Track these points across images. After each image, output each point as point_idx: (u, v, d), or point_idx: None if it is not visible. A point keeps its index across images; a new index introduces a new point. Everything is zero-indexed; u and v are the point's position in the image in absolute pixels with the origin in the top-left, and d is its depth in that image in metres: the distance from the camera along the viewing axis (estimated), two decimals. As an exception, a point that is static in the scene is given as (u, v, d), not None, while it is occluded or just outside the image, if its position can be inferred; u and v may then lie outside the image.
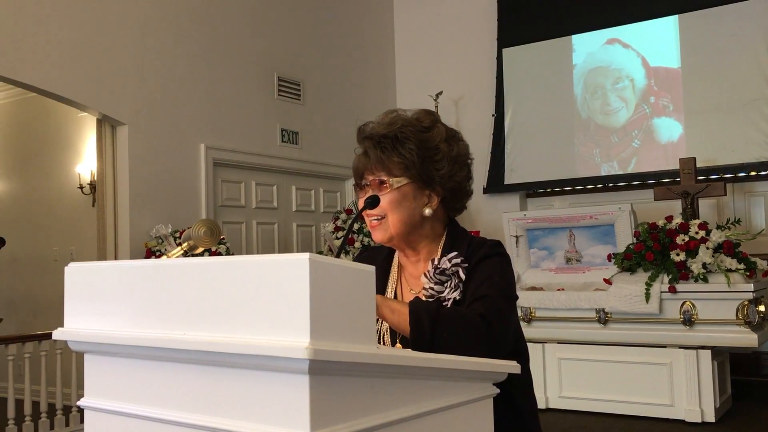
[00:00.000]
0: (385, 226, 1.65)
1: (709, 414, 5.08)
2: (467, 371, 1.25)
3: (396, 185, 1.63)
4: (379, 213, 1.65)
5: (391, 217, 1.64)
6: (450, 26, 8.09)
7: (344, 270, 0.98)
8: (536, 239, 6.21)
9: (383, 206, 1.64)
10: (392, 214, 1.64)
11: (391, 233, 1.66)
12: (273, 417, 0.96)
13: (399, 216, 1.64)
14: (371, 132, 1.66)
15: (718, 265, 5.06)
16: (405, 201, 1.64)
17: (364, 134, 1.68)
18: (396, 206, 1.64)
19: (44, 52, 5.12)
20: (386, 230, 1.66)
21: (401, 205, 1.64)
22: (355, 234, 6.38)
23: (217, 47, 6.40)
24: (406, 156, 1.62)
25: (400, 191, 1.63)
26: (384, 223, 1.65)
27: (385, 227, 1.66)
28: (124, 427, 1.19)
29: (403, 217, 1.65)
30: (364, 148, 1.67)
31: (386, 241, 1.69)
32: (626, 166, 7.00)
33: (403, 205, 1.64)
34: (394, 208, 1.64)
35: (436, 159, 1.65)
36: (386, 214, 1.64)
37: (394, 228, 1.65)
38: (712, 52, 6.62)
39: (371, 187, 1.65)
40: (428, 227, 1.70)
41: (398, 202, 1.64)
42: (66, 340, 1.26)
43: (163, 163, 5.85)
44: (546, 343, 5.66)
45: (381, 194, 1.63)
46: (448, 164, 1.67)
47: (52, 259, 6.85)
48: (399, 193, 1.63)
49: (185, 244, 1.64)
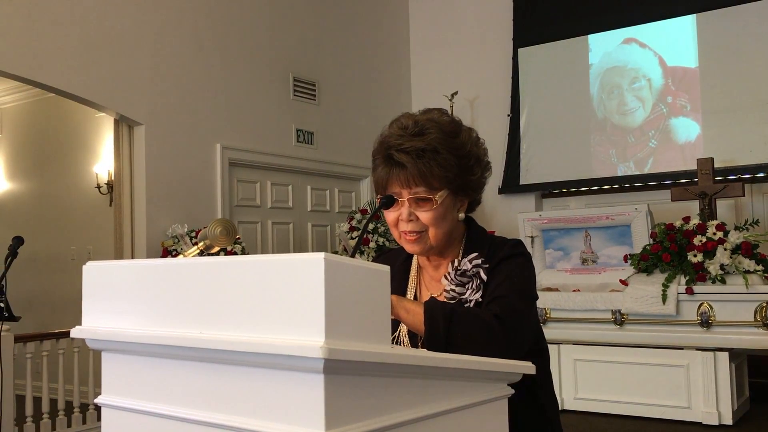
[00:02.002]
0: (425, 239, 1.60)
1: (726, 416, 5.03)
2: (481, 371, 1.24)
3: (439, 200, 1.57)
4: (419, 228, 1.59)
5: (434, 231, 1.59)
6: (465, 26, 8.07)
7: (359, 270, 0.99)
8: (552, 240, 6.18)
9: (425, 221, 1.58)
10: (436, 228, 1.59)
11: (431, 245, 1.61)
12: (288, 415, 0.96)
13: (443, 230, 1.60)
14: (405, 145, 1.56)
15: (736, 266, 5.01)
16: (447, 214, 1.60)
17: (397, 148, 1.57)
18: (440, 221, 1.59)
19: (62, 53, 5.17)
20: (426, 243, 1.61)
21: (445, 219, 1.60)
22: (369, 234, 6.38)
23: (232, 48, 6.43)
24: (446, 168, 1.56)
25: (443, 205, 1.58)
26: (424, 236, 1.60)
27: (424, 240, 1.60)
28: (140, 424, 1.20)
29: (446, 230, 1.61)
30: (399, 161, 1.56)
31: (424, 253, 1.65)
32: (643, 166, 6.95)
33: (447, 218, 1.60)
34: (439, 222, 1.59)
35: (470, 165, 1.62)
36: (428, 228, 1.59)
37: (436, 241, 1.61)
38: (730, 52, 6.56)
39: (408, 203, 1.58)
40: (456, 231, 1.67)
41: (442, 217, 1.59)
42: (84, 338, 1.26)
43: (180, 163, 5.89)
44: (561, 345, 5.63)
45: (422, 210, 1.57)
46: (480, 168, 1.65)
47: (70, 258, 6.91)
48: (442, 207, 1.58)
49: (201, 244, 1.65)
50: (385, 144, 1.61)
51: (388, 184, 1.60)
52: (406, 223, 1.59)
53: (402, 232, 1.62)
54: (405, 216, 1.59)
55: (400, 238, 1.64)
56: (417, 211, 1.58)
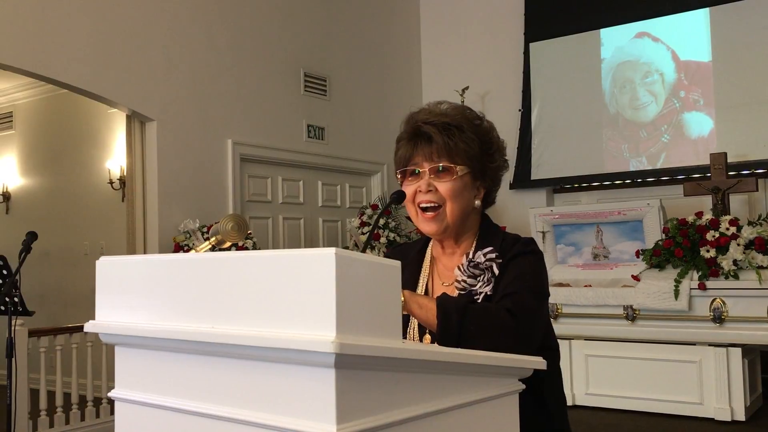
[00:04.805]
0: (442, 215, 1.62)
1: (739, 412, 5.00)
2: (492, 366, 1.24)
3: (460, 173, 1.60)
4: (437, 200, 1.61)
5: (451, 205, 1.61)
6: (476, 21, 8.04)
7: (370, 265, 0.99)
8: (563, 235, 6.16)
9: (443, 193, 1.60)
10: (452, 202, 1.61)
11: (447, 223, 1.63)
12: (299, 410, 0.97)
13: (458, 205, 1.62)
14: (433, 119, 1.61)
15: (749, 261, 4.98)
16: (465, 191, 1.63)
17: (424, 120, 1.61)
18: (457, 195, 1.61)
19: (74, 49, 5.20)
20: (443, 220, 1.63)
21: (462, 194, 1.62)
22: (380, 229, 6.39)
23: (244, 44, 6.44)
24: (470, 145, 1.60)
25: (462, 180, 1.61)
26: (441, 212, 1.62)
27: (441, 217, 1.62)
28: (153, 418, 1.21)
29: (462, 206, 1.63)
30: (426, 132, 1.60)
31: (440, 233, 1.66)
32: (655, 161, 6.91)
33: (463, 194, 1.62)
34: (456, 196, 1.61)
35: (491, 152, 1.66)
36: (445, 202, 1.61)
37: (452, 217, 1.62)
38: (743, 46, 6.50)
39: (429, 173, 1.61)
40: (471, 220, 1.69)
41: (459, 192, 1.61)
42: (97, 332, 1.27)
43: (191, 159, 5.91)
44: (573, 340, 5.62)
45: (442, 182, 1.60)
46: (500, 158, 1.69)
47: (83, 253, 6.95)
48: (461, 181, 1.61)
49: (213, 239, 1.66)
50: (412, 120, 1.65)
51: (412, 158, 1.63)
52: (424, 194, 1.62)
53: (419, 207, 1.63)
54: (424, 187, 1.61)
55: (417, 217, 1.65)
56: (436, 182, 1.61)
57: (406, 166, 1.64)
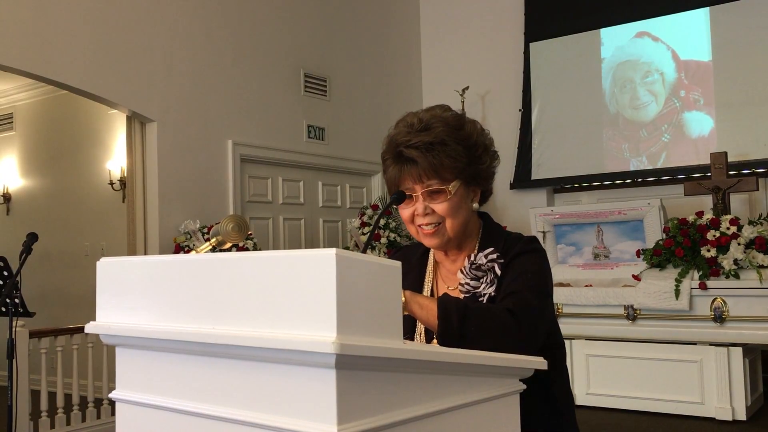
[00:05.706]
0: (443, 231, 1.63)
1: (740, 412, 5.00)
2: (493, 367, 1.24)
3: (452, 190, 1.59)
4: (436, 220, 1.62)
5: (451, 222, 1.62)
6: (476, 20, 8.04)
7: (370, 265, 0.99)
8: (564, 235, 6.16)
9: (442, 213, 1.61)
10: (452, 219, 1.62)
11: (448, 237, 1.64)
12: (300, 410, 0.97)
13: (458, 220, 1.62)
14: (414, 140, 1.58)
15: (750, 261, 4.98)
16: (462, 203, 1.62)
17: (406, 144, 1.59)
18: (456, 211, 1.61)
19: (75, 50, 5.20)
20: (443, 235, 1.63)
21: (459, 209, 1.62)
22: (381, 230, 6.39)
23: (244, 44, 6.44)
24: (456, 158, 1.59)
25: (457, 195, 1.61)
26: (441, 228, 1.62)
27: (442, 233, 1.63)
28: (154, 419, 1.21)
29: (462, 219, 1.63)
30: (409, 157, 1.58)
31: (442, 245, 1.67)
32: (656, 160, 6.91)
33: (461, 208, 1.62)
34: (454, 213, 1.61)
35: (478, 155, 1.64)
36: (444, 220, 1.62)
37: (453, 232, 1.63)
38: (744, 45, 6.50)
39: (422, 197, 1.61)
40: (472, 223, 1.69)
41: (457, 207, 1.61)
42: (98, 333, 1.27)
43: (192, 160, 5.91)
44: (574, 340, 5.62)
45: (437, 203, 1.60)
46: (488, 157, 1.67)
47: (84, 254, 6.96)
48: (456, 197, 1.61)
49: (213, 240, 1.66)
50: (393, 143, 1.63)
51: (401, 181, 1.63)
52: (422, 217, 1.62)
53: (419, 226, 1.64)
54: (420, 210, 1.61)
55: (418, 234, 1.66)
56: (432, 204, 1.61)
57: (398, 188, 1.64)
